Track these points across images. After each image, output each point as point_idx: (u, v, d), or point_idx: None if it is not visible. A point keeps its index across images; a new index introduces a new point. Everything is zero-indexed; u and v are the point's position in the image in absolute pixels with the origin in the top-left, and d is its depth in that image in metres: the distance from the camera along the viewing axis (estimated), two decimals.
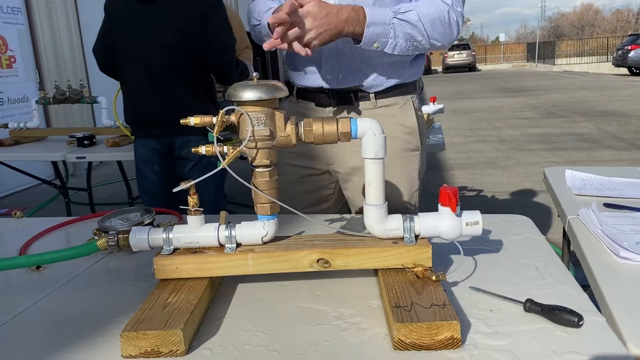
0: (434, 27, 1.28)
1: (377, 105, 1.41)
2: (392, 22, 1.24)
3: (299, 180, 1.52)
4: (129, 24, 2.30)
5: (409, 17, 1.26)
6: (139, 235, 0.92)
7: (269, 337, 0.79)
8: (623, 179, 1.55)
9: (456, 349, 0.73)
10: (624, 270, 0.97)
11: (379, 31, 1.23)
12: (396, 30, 1.25)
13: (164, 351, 0.75)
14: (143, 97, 2.34)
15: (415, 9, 1.26)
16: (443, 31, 1.30)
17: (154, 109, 2.32)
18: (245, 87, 0.87)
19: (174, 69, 2.28)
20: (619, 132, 7.54)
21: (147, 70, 2.29)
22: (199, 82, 2.34)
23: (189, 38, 2.25)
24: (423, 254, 0.90)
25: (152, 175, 2.42)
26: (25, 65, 5.83)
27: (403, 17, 1.25)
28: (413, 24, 1.26)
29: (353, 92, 1.40)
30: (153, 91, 2.30)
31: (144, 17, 2.26)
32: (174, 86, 2.29)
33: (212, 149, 0.88)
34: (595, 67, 25.29)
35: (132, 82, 2.36)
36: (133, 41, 2.29)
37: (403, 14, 1.25)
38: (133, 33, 2.29)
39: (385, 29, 1.24)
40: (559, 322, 0.77)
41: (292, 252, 0.90)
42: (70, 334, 0.82)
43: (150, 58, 2.27)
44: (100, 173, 5.83)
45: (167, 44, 2.25)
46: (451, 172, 5.78)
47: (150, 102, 2.32)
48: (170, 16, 2.24)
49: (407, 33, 1.26)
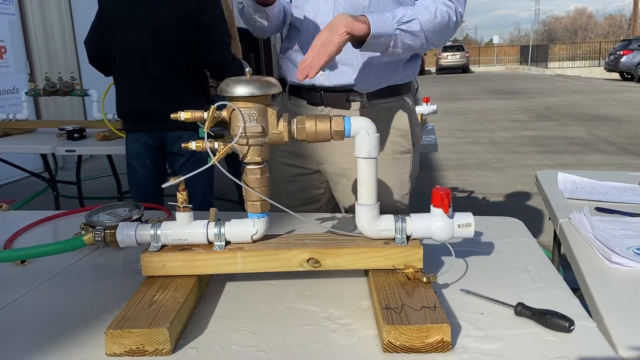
0: (435, 33, 1.24)
1: (369, 106, 1.39)
2: (394, 33, 1.18)
3: (290, 179, 1.50)
4: (122, 17, 2.27)
5: (412, 27, 1.19)
6: (126, 231, 0.91)
7: (257, 337, 0.78)
8: (614, 183, 1.55)
9: (446, 353, 0.72)
10: (615, 275, 0.97)
11: (380, 42, 1.17)
12: (397, 42, 1.19)
13: (149, 350, 0.73)
14: (135, 90, 2.32)
15: (417, 17, 1.20)
16: (442, 35, 1.26)
17: (145, 103, 2.29)
18: (237, 83, 0.86)
19: (167, 62, 2.26)
20: (609, 137, 7.59)
21: (140, 64, 2.26)
22: (192, 76, 2.32)
23: (183, 32, 2.23)
24: (414, 255, 0.89)
25: (142, 170, 2.40)
26: (15, 56, 5.77)
27: (406, 27, 1.19)
28: (415, 35, 1.21)
29: (345, 92, 1.39)
30: (145, 85, 2.28)
31: (138, 9, 2.24)
32: (167, 80, 2.27)
33: (202, 144, 0.86)
34: (588, 72, 25.46)
35: (125, 75, 2.34)
36: (126, 34, 2.27)
37: (406, 24, 1.19)
38: (126, 26, 2.27)
39: (386, 40, 1.18)
40: (550, 326, 0.77)
41: (282, 251, 0.89)
42: (54, 331, 0.80)
43: (143, 51, 2.24)
44: (90, 167, 5.78)
45: (161, 38, 2.23)
46: (443, 172, 5.79)
47: (142, 96, 2.29)
48: (164, 9, 2.22)
49: (406, 43, 1.21)
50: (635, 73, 17.76)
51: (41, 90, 3.08)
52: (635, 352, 0.73)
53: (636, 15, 32.29)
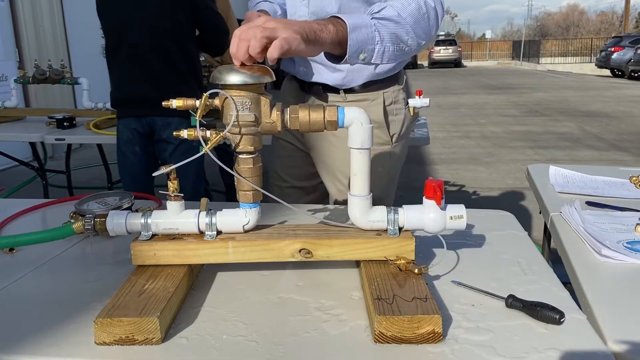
0: (416, 21, 1.13)
1: (346, 100, 1.40)
2: (372, 23, 1.07)
3: (289, 154, 1.56)
4: (115, 4, 2.27)
5: (386, 13, 1.09)
6: (117, 220, 0.90)
7: (247, 327, 0.77)
8: (605, 178, 1.56)
9: (437, 344, 0.72)
10: (605, 268, 0.98)
11: (363, 36, 1.05)
12: (381, 32, 1.07)
13: (139, 339, 0.73)
14: (127, 77, 2.31)
15: (388, 5, 1.11)
16: (424, 24, 1.15)
17: (136, 88, 2.29)
18: (230, 71, 0.85)
19: (159, 48, 2.25)
20: (600, 133, 7.64)
21: (132, 49, 2.26)
22: (185, 63, 2.32)
23: (176, 19, 2.23)
24: (406, 246, 0.89)
25: (132, 157, 2.39)
26: (4, 43, 5.69)
27: (380, 15, 1.09)
28: (395, 21, 1.10)
29: (322, 85, 1.41)
30: (137, 72, 2.28)
31: None
32: (158, 66, 2.26)
33: (194, 133, 0.86)
34: (579, 68, 25.58)
35: (117, 61, 2.34)
36: (119, 21, 2.27)
37: (378, 12, 1.09)
38: (119, 14, 2.26)
39: (369, 32, 1.06)
40: (540, 318, 0.77)
41: (274, 242, 0.89)
42: (42, 319, 0.79)
43: (136, 39, 2.24)
44: (80, 156, 5.74)
45: (153, 25, 2.23)
46: (434, 166, 5.81)
47: (133, 81, 2.29)
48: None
49: (392, 33, 1.09)
50: (626, 70, 17.88)
51: (30, 78, 3.04)
52: (624, 345, 0.73)
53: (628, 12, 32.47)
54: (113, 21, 2.29)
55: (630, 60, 17.53)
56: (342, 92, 1.40)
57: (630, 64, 17.51)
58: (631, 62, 17.43)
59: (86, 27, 6.31)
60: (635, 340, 0.74)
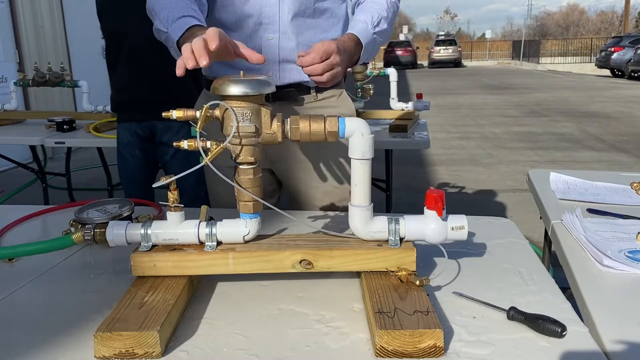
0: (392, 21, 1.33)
1: (317, 99, 1.41)
2: (374, 38, 1.28)
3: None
4: (114, 7, 2.27)
5: (383, 26, 1.30)
6: (116, 230, 0.89)
7: (248, 340, 0.77)
8: (606, 184, 1.55)
9: (439, 358, 0.72)
10: (607, 278, 0.97)
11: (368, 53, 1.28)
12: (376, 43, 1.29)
13: (139, 353, 0.72)
14: (127, 81, 2.32)
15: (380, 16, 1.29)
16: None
17: (136, 92, 2.29)
18: (230, 81, 0.84)
19: (160, 52, 2.24)
20: (599, 133, 7.63)
21: (132, 53, 2.26)
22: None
23: None
24: (407, 257, 0.88)
25: (132, 160, 2.39)
26: (4, 45, 5.69)
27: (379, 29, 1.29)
28: (387, 32, 1.32)
29: (295, 87, 1.38)
30: (137, 75, 2.28)
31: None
32: (159, 70, 2.25)
33: (194, 143, 0.85)
34: (579, 68, 25.55)
35: (117, 65, 2.34)
36: (119, 23, 2.27)
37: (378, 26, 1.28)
38: (120, 14, 2.26)
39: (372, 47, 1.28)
40: (542, 331, 0.77)
41: (275, 252, 0.88)
42: (41, 331, 0.79)
43: (136, 41, 2.23)
44: (80, 157, 5.73)
45: (151, 25, 2.22)
46: (433, 168, 5.80)
47: (134, 85, 2.29)
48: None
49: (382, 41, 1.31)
50: (625, 70, 17.87)
51: (30, 80, 3.04)
52: (625, 357, 0.73)
53: (628, 12, 32.46)
54: (114, 25, 2.29)
55: (630, 60, 17.52)
56: (314, 92, 1.39)
57: (630, 64, 17.49)
58: (631, 62, 17.41)
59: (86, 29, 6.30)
60: (638, 352, 0.74)
